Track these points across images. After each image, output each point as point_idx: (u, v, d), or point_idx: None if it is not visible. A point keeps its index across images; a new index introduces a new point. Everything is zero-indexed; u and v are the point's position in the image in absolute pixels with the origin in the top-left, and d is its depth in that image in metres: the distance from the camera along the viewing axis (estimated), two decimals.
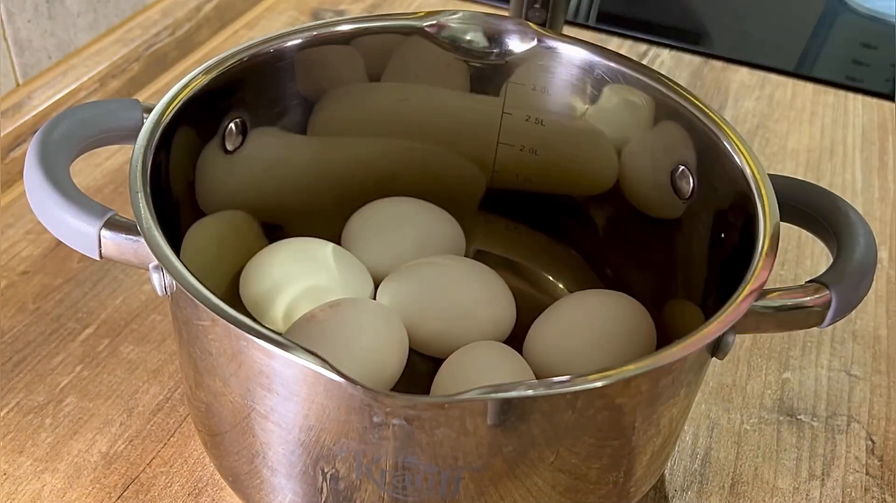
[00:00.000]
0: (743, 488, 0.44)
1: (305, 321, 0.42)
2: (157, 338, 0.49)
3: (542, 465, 0.33)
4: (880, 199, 0.63)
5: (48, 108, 0.59)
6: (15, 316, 0.49)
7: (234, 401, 0.35)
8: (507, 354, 0.43)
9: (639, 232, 0.47)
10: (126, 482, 0.42)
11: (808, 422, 0.48)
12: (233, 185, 0.45)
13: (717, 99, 0.72)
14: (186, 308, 0.34)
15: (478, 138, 0.49)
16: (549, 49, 0.45)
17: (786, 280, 0.56)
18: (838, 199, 0.39)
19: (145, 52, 0.66)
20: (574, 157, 0.48)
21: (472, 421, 0.31)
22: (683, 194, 0.43)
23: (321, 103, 0.47)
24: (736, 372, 0.50)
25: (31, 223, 0.54)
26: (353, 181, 0.50)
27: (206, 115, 0.41)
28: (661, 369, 0.32)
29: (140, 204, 0.34)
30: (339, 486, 0.34)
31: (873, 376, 0.50)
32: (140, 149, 0.36)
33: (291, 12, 0.78)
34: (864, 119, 0.71)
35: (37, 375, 0.46)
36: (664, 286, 0.46)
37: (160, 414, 0.45)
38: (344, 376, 0.29)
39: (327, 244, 0.48)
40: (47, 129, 0.37)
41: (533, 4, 0.59)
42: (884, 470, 0.46)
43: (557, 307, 0.46)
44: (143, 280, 0.52)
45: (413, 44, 0.46)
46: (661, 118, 0.43)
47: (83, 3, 0.62)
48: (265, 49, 0.43)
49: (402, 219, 0.50)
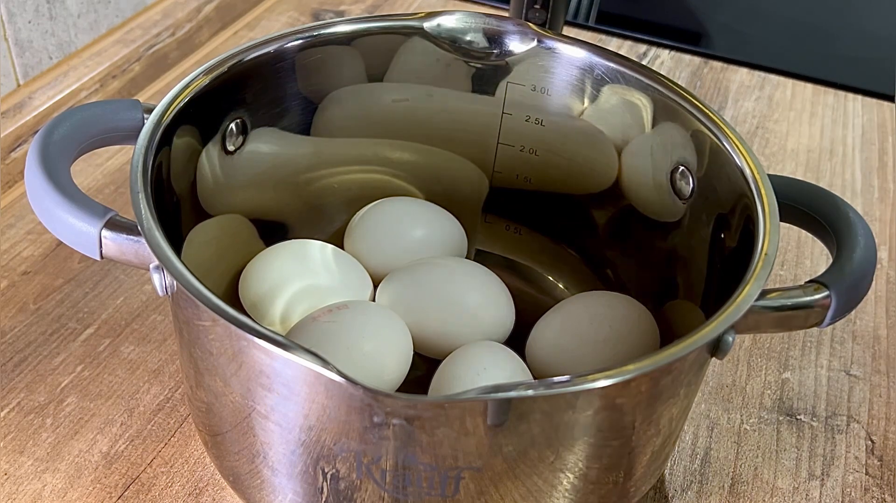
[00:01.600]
0: (743, 488, 0.44)
1: (307, 323, 0.43)
2: (157, 338, 0.49)
3: (542, 465, 0.34)
4: (880, 199, 0.63)
5: (49, 109, 0.59)
6: (16, 316, 0.49)
7: (235, 401, 0.35)
8: (507, 354, 0.43)
9: (639, 232, 0.47)
10: (127, 482, 0.42)
11: (807, 422, 0.48)
12: (233, 185, 0.45)
13: (717, 99, 0.72)
14: (187, 308, 0.34)
15: (478, 139, 0.49)
16: (549, 49, 0.45)
17: (786, 280, 0.56)
18: (838, 199, 0.39)
19: (146, 53, 0.66)
20: (574, 157, 0.48)
21: (472, 421, 0.31)
22: (683, 194, 0.43)
23: (322, 103, 0.47)
24: (736, 372, 0.50)
25: (32, 223, 0.54)
26: (353, 181, 0.50)
27: (207, 116, 0.42)
28: (661, 369, 0.32)
29: (141, 204, 0.34)
30: (340, 486, 0.34)
31: (873, 376, 0.50)
32: (141, 149, 0.37)
33: (292, 13, 0.78)
34: (863, 119, 0.71)
35: (38, 375, 0.46)
36: (664, 286, 0.46)
37: (161, 414, 0.45)
38: (344, 376, 0.29)
39: (326, 245, 0.48)
40: (48, 130, 0.37)
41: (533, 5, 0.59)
42: (883, 470, 0.46)
43: (560, 308, 0.46)
44: (144, 280, 0.52)
45: (413, 44, 0.46)
46: (661, 118, 0.43)
47: (84, 4, 0.62)
48: (266, 50, 0.43)
49: (403, 219, 0.50)
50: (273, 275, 0.46)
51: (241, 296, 0.46)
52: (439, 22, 0.46)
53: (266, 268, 0.46)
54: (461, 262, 0.48)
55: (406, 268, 0.47)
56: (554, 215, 0.50)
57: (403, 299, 0.46)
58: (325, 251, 0.47)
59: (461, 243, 0.50)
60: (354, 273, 0.47)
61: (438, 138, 0.50)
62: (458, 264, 0.48)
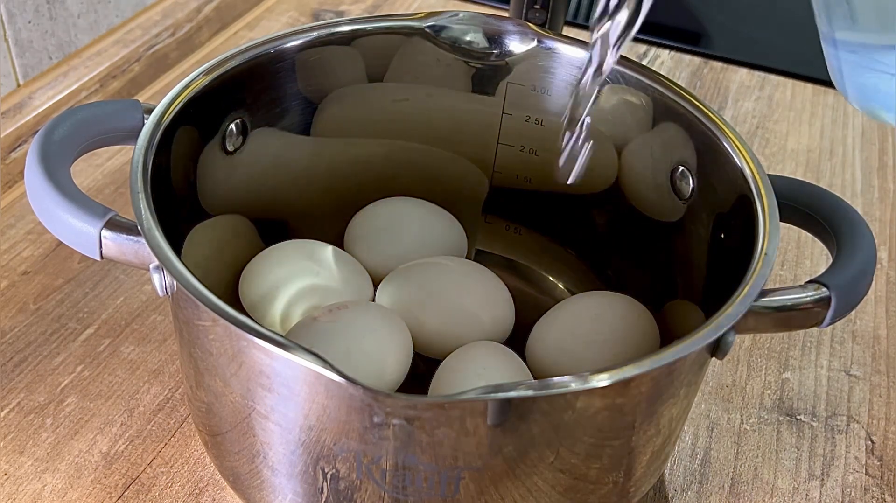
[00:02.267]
0: (743, 488, 0.44)
1: (307, 323, 0.43)
2: (157, 338, 0.49)
3: (543, 465, 0.34)
4: (880, 200, 0.63)
5: (49, 109, 0.59)
6: (16, 316, 0.49)
7: (235, 402, 0.35)
8: (507, 354, 0.43)
9: (639, 232, 0.47)
10: (127, 482, 0.42)
11: (807, 423, 0.48)
12: (233, 185, 0.45)
13: (717, 99, 0.72)
14: (187, 308, 0.34)
15: (478, 139, 0.49)
16: (549, 50, 0.45)
17: (786, 280, 0.56)
18: (838, 199, 0.39)
19: (146, 53, 0.66)
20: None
21: (473, 421, 0.31)
22: (683, 195, 0.43)
23: (322, 104, 0.47)
24: (736, 372, 0.50)
25: (32, 223, 0.54)
26: (353, 181, 0.50)
27: (207, 116, 0.42)
28: (661, 369, 0.32)
29: (141, 204, 0.34)
30: (340, 486, 0.34)
31: (873, 376, 0.50)
32: (141, 149, 0.37)
33: (292, 13, 0.78)
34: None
35: (38, 375, 0.46)
36: (664, 286, 0.46)
37: (161, 414, 0.45)
38: (344, 376, 0.29)
39: (327, 246, 0.48)
40: (48, 130, 0.37)
41: (533, 5, 0.59)
42: (883, 470, 0.46)
43: (560, 308, 0.46)
44: (144, 280, 0.52)
45: (413, 44, 0.46)
46: (661, 118, 0.43)
47: (84, 4, 0.62)
48: (266, 50, 0.43)
49: (403, 219, 0.50)
50: (273, 275, 0.46)
51: (241, 297, 0.46)
52: (439, 22, 0.46)
53: (266, 269, 0.46)
54: (461, 262, 0.48)
55: (406, 268, 0.47)
56: (554, 215, 0.50)
57: (403, 299, 0.46)
58: (325, 251, 0.47)
59: (461, 243, 0.50)
60: (354, 273, 0.47)
61: (438, 138, 0.50)
62: (458, 264, 0.48)
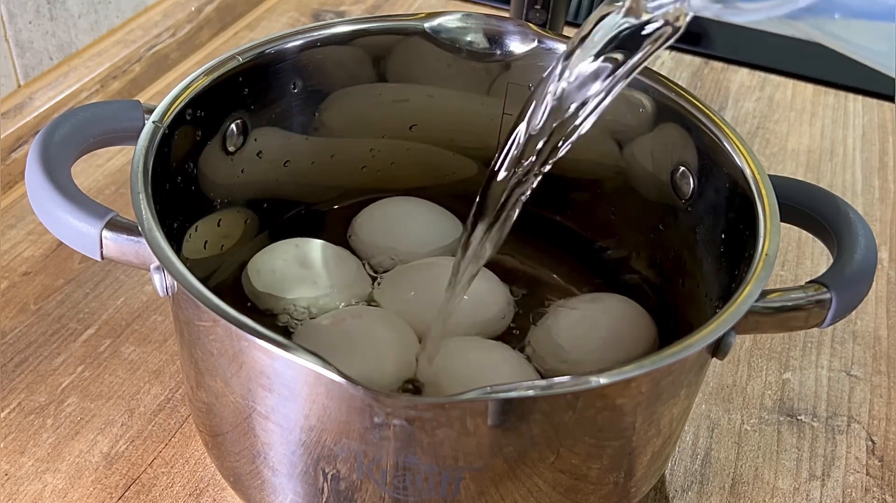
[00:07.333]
0: (743, 488, 0.44)
1: (310, 327, 0.43)
2: (158, 338, 0.49)
3: (543, 465, 0.34)
4: (880, 200, 0.63)
5: (49, 110, 0.59)
6: (16, 316, 0.49)
7: (236, 402, 0.35)
8: (507, 354, 0.43)
9: (639, 232, 0.47)
10: (127, 482, 0.42)
11: (808, 423, 0.48)
12: (234, 185, 0.45)
13: (717, 99, 0.72)
14: (188, 308, 0.34)
15: (478, 139, 0.49)
16: (550, 50, 0.45)
17: (786, 280, 0.56)
18: (838, 199, 0.39)
19: (146, 54, 0.66)
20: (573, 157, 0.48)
21: (473, 421, 0.31)
22: (684, 195, 0.43)
23: (322, 104, 0.47)
24: (736, 372, 0.50)
25: (33, 224, 0.54)
26: (353, 181, 0.50)
27: (207, 117, 0.42)
28: (662, 369, 0.32)
29: (141, 205, 0.34)
30: (340, 487, 0.34)
31: (873, 376, 0.50)
32: (141, 150, 0.37)
33: (292, 13, 0.78)
34: (864, 120, 0.71)
35: (38, 376, 0.46)
36: (665, 286, 0.46)
37: (161, 414, 0.45)
38: (345, 376, 0.29)
39: (327, 245, 0.48)
40: (49, 131, 0.37)
41: (533, 5, 0.59)
42: (884, 470, 0.46)
43: (560, 309, 0.46)
44: (145, 281, 0.52)
45: (414, 44, 0.46)
46: (661, 119, 0.43)
47: (84, 5, 0.62)
48: (266, 50, 0.43)
49: (403, 219, 0.50)
50: (273, 274, 0.46)
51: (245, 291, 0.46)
52: (440, 22, 0.46)
53: (266, 268, 0.46)
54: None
55: (406, 268, 0.47)
56: (554, 215, 0.50)
57: (403, 299, 0.46)
58: (326, 251, 0.47)
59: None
60: (354, 273, 0.47)
61: (439, 138, 0.50)
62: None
